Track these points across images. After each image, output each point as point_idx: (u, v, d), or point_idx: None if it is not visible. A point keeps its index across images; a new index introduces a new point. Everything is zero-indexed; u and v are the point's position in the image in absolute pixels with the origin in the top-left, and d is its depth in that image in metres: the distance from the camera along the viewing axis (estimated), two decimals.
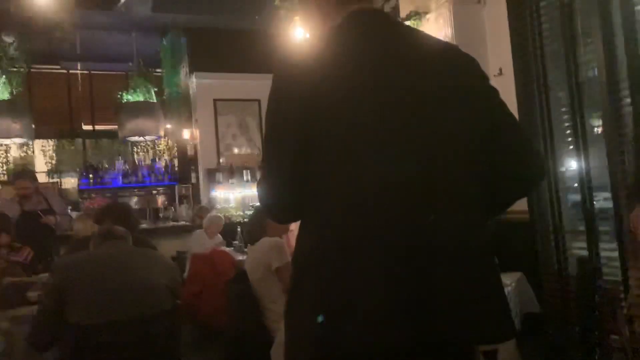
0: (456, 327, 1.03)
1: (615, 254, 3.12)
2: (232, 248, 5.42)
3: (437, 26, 3.96)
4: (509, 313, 1.14)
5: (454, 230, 1.08)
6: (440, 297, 1.03)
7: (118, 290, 2.09)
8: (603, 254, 3.27)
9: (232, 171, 7.54)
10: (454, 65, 1.21)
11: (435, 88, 1.15)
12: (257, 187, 1.20)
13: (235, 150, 7.93)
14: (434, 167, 1.09)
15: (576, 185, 3.63)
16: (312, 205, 1.11)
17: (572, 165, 3.63)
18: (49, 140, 8.91)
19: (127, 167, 8.67)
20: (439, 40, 1.30)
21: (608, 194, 3.36)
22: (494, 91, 1.24)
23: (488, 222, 1.20)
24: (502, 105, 1.24)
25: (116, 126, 7.36)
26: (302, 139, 1.10)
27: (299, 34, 4.36)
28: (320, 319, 1.01)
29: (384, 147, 1.08)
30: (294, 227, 2.64)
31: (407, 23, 4.07)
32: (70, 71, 9.17)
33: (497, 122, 1.20)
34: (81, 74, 9.27)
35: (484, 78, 1.25)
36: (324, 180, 1.09)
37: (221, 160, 7.72)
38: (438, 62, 1.19)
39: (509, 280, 2.78)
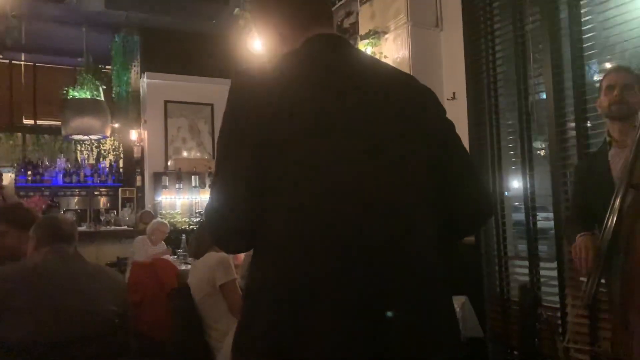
0: None
1: (555, 273, 3.23)
2: (176, 257, 5.27)
3: (395, 47, 3.99)
4: (461, 351, 1.14)
5: (414, 262, 1.07)
6: (396, 340, 1.01)
7: (60, 310, 1.92)
8: (543, 274, 3.38)
9: (180, 176, 7.35)
10: (412, 97, 1.20)
11: (392, 118, 1.13)
12: (206, 213, 1.14)
13: (185, 154, 7.75)
14: (391, 196, 1.08)
15: (517, 204, 3.77)
16: (265, 234, 1.06)
17: (516, 187, 3.75)
18: None
19: (69, 165, 8.33)
20: (398, 71, 1.29)
21: (548, 214, 3.49)
22: (450, 125, 1.24)
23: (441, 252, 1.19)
24: (457, 140, 1.23)
25: (60, 122, 7.07)
26: (260, 162, 1.04)
27: (257, 44, 4.31)
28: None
29: (341, 176, 1.05)
30: None
31: (365, 41, 4.09)
32: (13, 61, 8.74)
33: (451, 159, 1.20)
34: (25, 65, 8.85)
35: (441, 111, 1.24)
36: (280, 211, 1.04)
37: (169, 164, 7.53)
38: (396, 92, 1.18)
39: (454, 305, 2.80)
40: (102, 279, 2.16)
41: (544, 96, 3.39)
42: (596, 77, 3.18)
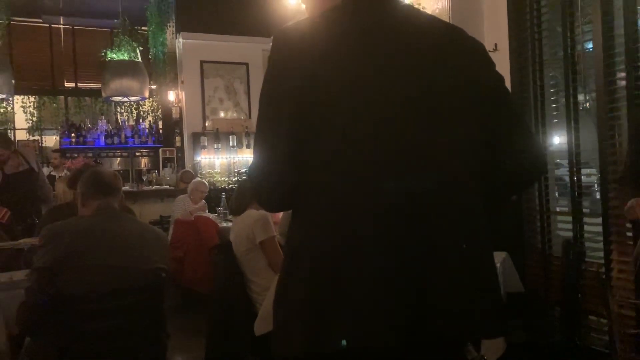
0: (451, 326, 1.00)
1: (597, 228, 3.16)
2: (216, 215, 5.37)
3: None
4: (502, 309, 1.12)
5: (454, 225, 1.04)
6: (436, 294, 1.00)
7: (113, 267, 2.01)
8: (586, 229, 3.31)
9: (218, 136, 7.42)
10: (460, 52, 1.14)
11: (440, 76, 1.08)
12: (249, 172, 1.14)
13: (222, 115, 7.80)
14: (436, 162, 1.05)
15: (558, 161, 3.68)
16: (305, 194, 1.06)
17: (557, 142, 3.64)
18: (30, 96, 8.67)
19: (110, 127, 8.51)
20: (445, 23, 1.22)
21: (591, 170, 3.38)
22: (500, 79, 1.18)
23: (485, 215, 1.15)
24: (507, 95, 1.18)
25: (99, 85, 7.18)
26: (300, 120, 1.03)
27: (293, 1, 4.23)
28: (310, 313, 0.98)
29: (383, 138, 1.03)
30: None
31: None
32: (53, 25, 8.87)
33: (501, 114, 1.14)
34: (64, 28, 8.98)
35: (491, 65, 1.18)
36: (320, 169, 1.04)
37: (207, 124, 7.59)
38: (444, 47, 1.12)
39: (495, 260, 2.77)
40: (149, 237, 2.22)
41: (590, 46, 3.24)
42: None
